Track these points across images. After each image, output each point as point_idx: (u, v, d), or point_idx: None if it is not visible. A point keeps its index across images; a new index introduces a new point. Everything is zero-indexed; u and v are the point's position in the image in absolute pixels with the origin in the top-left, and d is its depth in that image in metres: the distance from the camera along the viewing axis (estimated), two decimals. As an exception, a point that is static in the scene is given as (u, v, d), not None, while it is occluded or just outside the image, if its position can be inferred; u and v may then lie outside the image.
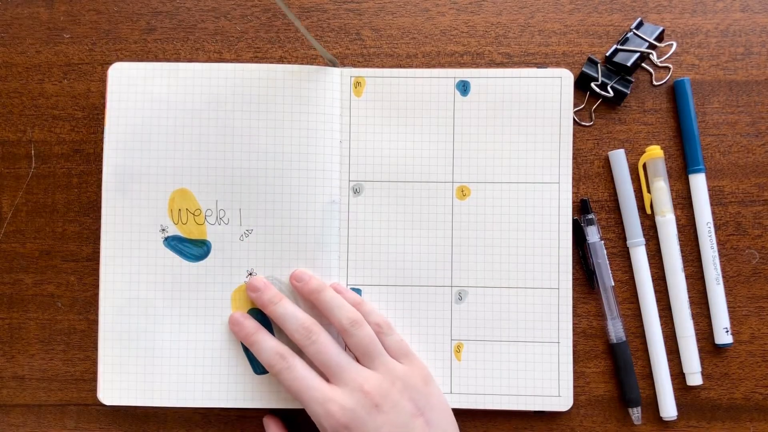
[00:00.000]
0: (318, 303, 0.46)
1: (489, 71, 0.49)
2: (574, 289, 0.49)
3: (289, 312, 0.45)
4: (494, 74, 0.49)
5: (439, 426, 0.44)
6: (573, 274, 0.49)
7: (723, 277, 0.49)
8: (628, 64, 0.49)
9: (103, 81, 0.50)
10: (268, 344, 0.45)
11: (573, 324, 0.49)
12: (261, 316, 0.47)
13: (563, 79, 0.49)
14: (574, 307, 0.49)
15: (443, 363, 0.48)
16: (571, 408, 0.48)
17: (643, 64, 0.50)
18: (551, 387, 0.48)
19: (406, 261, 0.49)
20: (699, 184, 0.49)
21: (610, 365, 0.49)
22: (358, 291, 0.49)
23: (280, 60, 0.51)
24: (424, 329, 0.48)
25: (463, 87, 0.49)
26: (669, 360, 0.49)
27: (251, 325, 0.46)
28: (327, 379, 0.44)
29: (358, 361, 0.45)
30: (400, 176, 0.49)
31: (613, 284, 0.49)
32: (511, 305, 0.48)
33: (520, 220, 0.49)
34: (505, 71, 0.49)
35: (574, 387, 0.49)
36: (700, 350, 0.49)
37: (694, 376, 0.48)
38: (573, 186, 0.50)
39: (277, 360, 0.44)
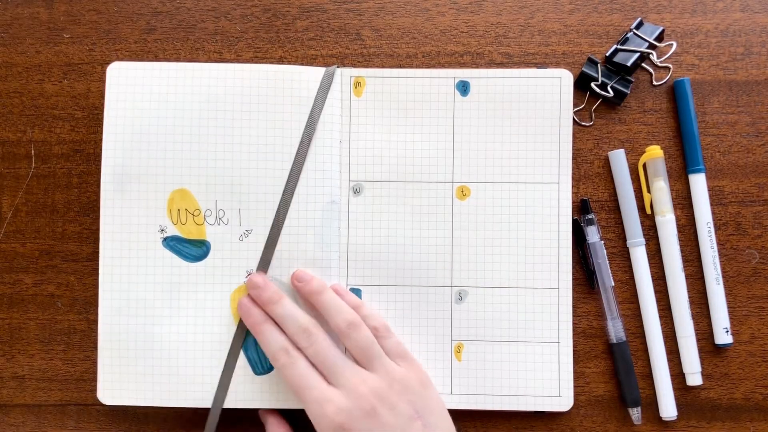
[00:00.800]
0: (317, 304, 0.46)
1: (489, 71, 0.49)
2: (574, 289, 0.49)
3: (288, 312, 0.45)
4: (494, 74, 0.49)
5: (437, 429, 0.44)
6: (573, 274, 0.49)
7: (723, 277, 0.49)
8: (628, 64, 0.49)
9: (103, 81, 0.50)
10: (273, 337, 0.45)
11: (573, 324, 0.49)
12: None
13: (563, 80, 0.49)
14: (574, 307, 0.49)
15: (443, 363, 0.48)
16: (571, 408, 0.48)
17: (643, 64, 0.50)
18: (551, 387, 0.48)
19: (406, 261, 0.49)
20: (699, 184, 0.49)
21: (610, 365, 0.49)
22: (358, 291, 0.49)
23: (280, 60, 0.51)
24: (425, 329, 0.48)
25: (463, 87, 0.49)
26: (669, 360, 0.49)
27: (258, 314, 0.46)
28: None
29: (357, 363, 0.45)
30: (400, 176, 0.49)
31: (613, 284, 0.49)
32: (512, 305, 0.48)
33: (520, 220, 0.49)
34: (504, 71, 0.49)
35: (574, 387, 0.49)
36: (700, 350, 0.49)
37: (694, 376, 0.48)
38: (573, 186, 0.50)
39: (280, 354, 0.44)
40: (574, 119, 0.50)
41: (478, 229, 0.49)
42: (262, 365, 0.47)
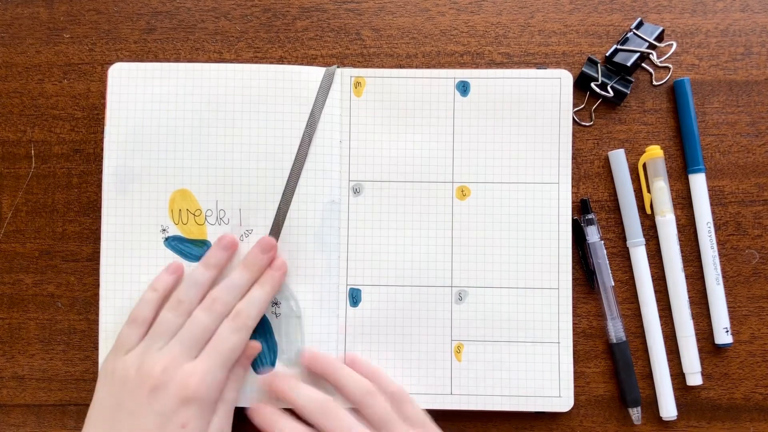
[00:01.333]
0: (329, 380, 0.46)
1: (489, 72, 0.49)
2: (574, 289, 0.49)
3: (304, 396, 0.44)
4: (494, 75, 0.49)
5: None
6: (573, 274, 0.49)
7: (723, 277, 0.49)
8: (628, 64, 0.49)
9: (103, 81, 0.50)
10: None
11: (573, 324, 0.49)
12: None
13: (562, 80, 0.49)
14: (574, 307, 0.49)
15: (443, 364, 0.48)
16: (571, 408, 0.48)
17: (643, 64, 0.50)
18: (552, 387, 0.48)
19: (405, 261, 0.49)
20: (699, 184, 0.49)
21: (610, 365, 0.49)
22: (358, 291, 0.49)
23: (280, 60, 0.51)
24: (425, 329, 0.48)
25: (463, 87, 0.49)
26: (669, 360, 0.49)
27: (270, 414, 0.45)
28: None
29: None
30: (400, 176, 0.49)
31: (613, 284, 0.49)
32: (511, 305, 0.48)
33: (520, 220, 0.49)
34: (504, 72, 0.49)
35: (574, 387, 0.49)
36: (700, 350, 0.49)
37: (694, 376, 0.48)
38: (573, 186, 0.50)
39: None
40: (574, 119, 0.50)
41: (478, 229, 0.49)
42: (262, 364, 0.47)
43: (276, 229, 0.48)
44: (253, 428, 0.49)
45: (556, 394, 0.48)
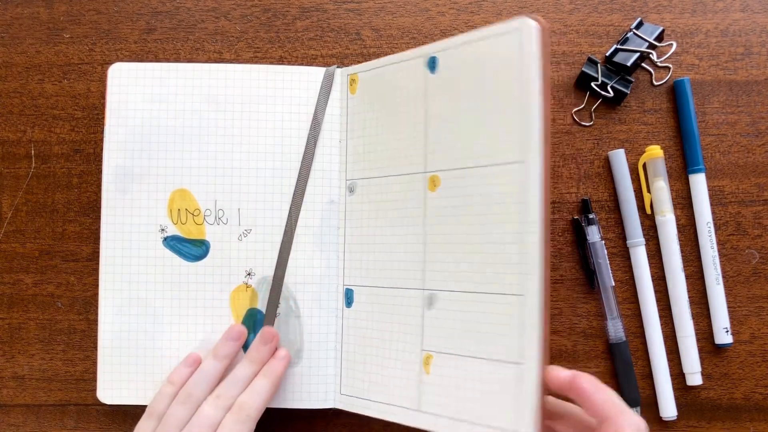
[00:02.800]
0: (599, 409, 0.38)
1: (452, 40, 0.42)
2: (573, 289, 0.49)
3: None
4: (456, 42, 0.42)
5: None
6: (573, 273, 0.49)
7: (723, 277, 0.49)
8: (628, 64, 0.49)
9: (103, 81, 0.50)
10: None
11: (573, 324, 0.49)
12: (260, 316, 0.47)
13: (523, 31, 0.38)
14: (574, 307, 0.49)
15: (410, 374, 0.43)
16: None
17: (643, 64, 0.50)
18: (507, 420, 0.38)
19: (385, 261, 0.46)
20: (699, 184, 0.49)
21: (610, 365, 0.49)
22: (351, 291, 0.48)
23: (280, 60, 0.51)
24: (397, 335, 0.45)
25: (432, 63, 0.43)
26: (669, 360, 0.49)
27: None
28: None
29: None
30: (383, 171, 0.46)
31: (613, 284, 0.49)
32: (470, 314, 0.40)
33: (482, 211, 0.40)
34: (466, 36, 0.41)
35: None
36: (700, 350, 0.49)
37: (694, 376, 0.48)
38: (573, 186, 0.49)
39: None
40: (573, 119, 0.50)
41: (448, 224, 0.42)
42: (261, 365, 0.47)
43: (289, 233, 0.47)
44: (257, 427, 0.49)
45: (513, 429, 0.38)
